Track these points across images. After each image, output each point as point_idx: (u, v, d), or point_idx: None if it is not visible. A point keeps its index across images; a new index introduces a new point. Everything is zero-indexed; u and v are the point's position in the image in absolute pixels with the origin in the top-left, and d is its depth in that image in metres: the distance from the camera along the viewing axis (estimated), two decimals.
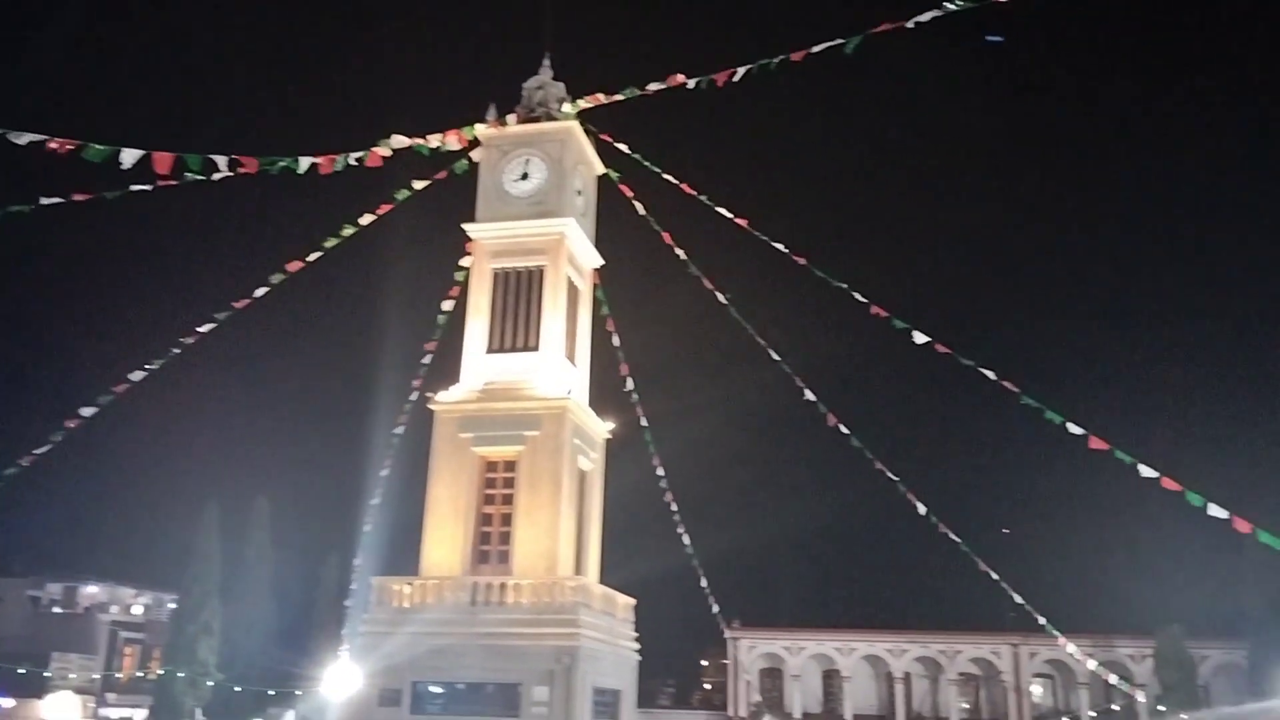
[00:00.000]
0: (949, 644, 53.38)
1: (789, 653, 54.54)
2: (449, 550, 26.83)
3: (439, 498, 27.31)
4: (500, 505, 27.38)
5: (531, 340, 28.60)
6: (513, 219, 29.57)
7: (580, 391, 29.89)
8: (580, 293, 31.06)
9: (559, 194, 29.62)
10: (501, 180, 30.02)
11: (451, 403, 28.04)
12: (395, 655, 24.87)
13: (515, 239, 29.46)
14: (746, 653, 54.69)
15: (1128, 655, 50.19)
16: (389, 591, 26.19)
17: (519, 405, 27.64)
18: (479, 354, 28.70)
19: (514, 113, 30.62)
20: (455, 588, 25.74)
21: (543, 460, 27.08)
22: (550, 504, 26.76)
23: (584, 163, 31.37)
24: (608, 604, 28.15)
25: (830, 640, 54.43)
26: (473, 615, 25.19)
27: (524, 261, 29.30)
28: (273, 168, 21.45)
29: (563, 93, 31.17)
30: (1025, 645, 51.38)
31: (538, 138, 30.20)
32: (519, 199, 29.81)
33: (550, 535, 26.48)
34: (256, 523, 46.58)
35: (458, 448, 27.53)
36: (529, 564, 26.28)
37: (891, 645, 53.90)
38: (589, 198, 31.90)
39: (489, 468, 27.73)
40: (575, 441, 28.17)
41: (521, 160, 30.07)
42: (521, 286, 29.19)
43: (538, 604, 25.27)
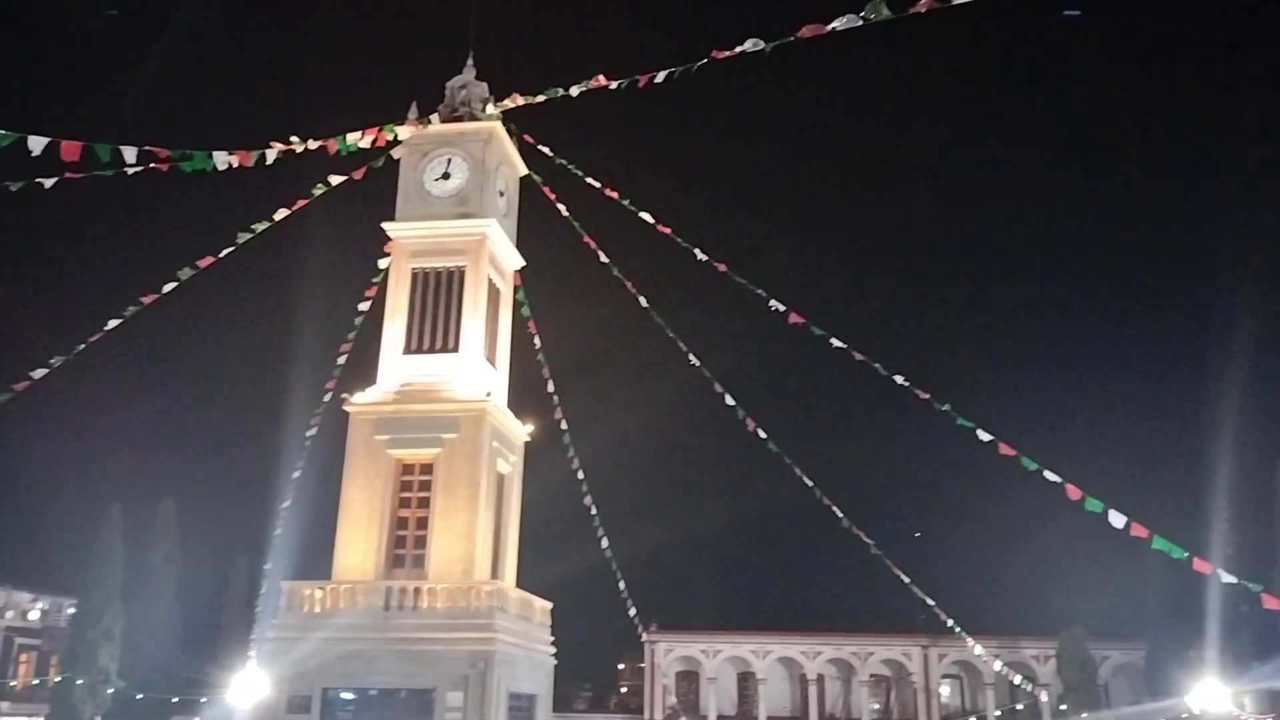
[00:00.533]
0: (861, 646, 54.37)
1: (705, 656, 54.94)
2: (363, 554, 26.38)
3: (353, 501, 26.84)
4: (416, 508, 27.00)
5: (451, 341, 28.29)
6: (433, 219, 29.24)
7: (500, 394, 29.67)
8: (501, 294, 30.85)
9: (481, 194, 29.38)
10: (422, 179, 29.67)
11: (367, 404, 27.59)
12: (305, 661, 24.36)
13: (435, 239, 29.12)
14: (663, 656, 54.94)
15: (1032, 656, 51.72)
16: (300, 596, 25.63)
17: (437, 407, 27.32)
18: (396, 355, 28.29)
19: (436, 112, 30.29)
20: (368, 592, 25.31)
21: (460, 463, 26.80)
22: (467, 507, 26.50)
23: (507, 163, 31.19)
24: (524, 608, 27.98)
25: (746, 643, 54.99)
26: (386, 620, 24.80)
27: (444, 262, 28.99)
28: (185, 163, 20.81)
29: (486, 93, 30.93)
30: (935, 647, 52.62)
31: (460, 137, 29.92)
32: (440, 199, 29.50)
33: (467, 539, 26.23)
34: (162, 525, 45.29)
35: (373, 450, 27.10)
36: (445, 568, 25.98)
37: (806, 647, 54.68)
38: (511, 199, 31.71)
39: (405, 470, 27.34)
40: (494, 444, 27.95)
41: (443, 159, 29.76)
42: (441, 287, 28.86)
43: (453, 608, 24.98)
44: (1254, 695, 36.48)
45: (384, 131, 26.00)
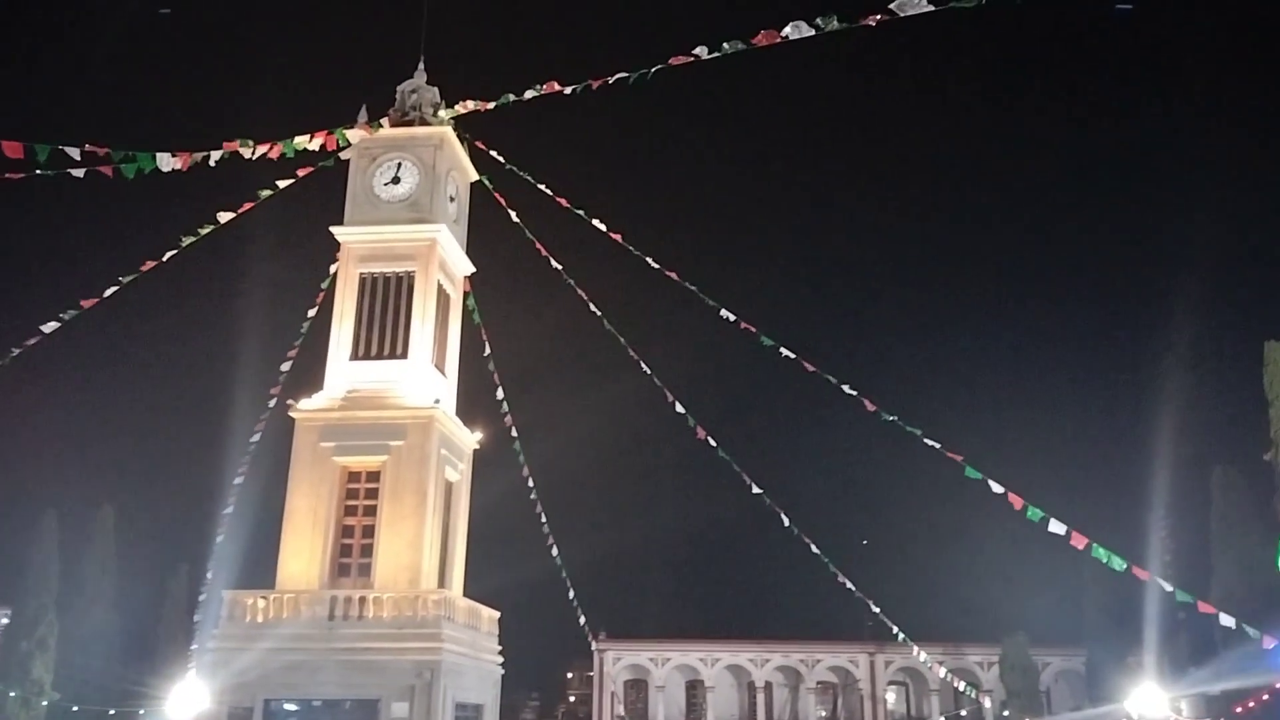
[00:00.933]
0: (809, 653, 54.68)
1: (654, 664, 54.90)
2: (307, 563, 25.99)
3: (297, 508, 26.44)
4: (362, 517, 26.68)
5: (399, 348, 28.02)
6: (382, 223, 28.97)
7: (449, 401, 29.43)
8: (451, 300, 30.63)
9: (431, 199, 29.17)
10: (372, 183, 29.40)
11: (313, 410, 27.22)
12: (247, 672, 23.94)
13: (385, 243, 28.85)
14: (612, 664, 54.80)
15: (976, 662, 52.38)
16: (242, 605, 25.19)
17: (384, 414, 27.04)
18: (343, 361, 27.95)
19: (386, 116, 30.04)
20: (312, 601, 24.94)
21: (408, 471, 26.54)
22: (414, 515, 26.23)
23: (457, 169, 31.01)
24: (472, 617, 27.75)
25: (695, 651, 55.05)
26: (330, 630, 24.46)
27: (393, 267, 28.72)
28: (128, 164, 20.40)
29: (437, 97, 30.76)
30: (881, 654, 53.06)
31: (410, 142, 29.70)
32: (389, 203, 29.24)
33: (414, 548, 25.97)
34: (99, 532, 44.18)
35: (318, 457, 26.73)
36: (391, 577, 25.70)
37: (754, 655, 54.88)
38: (462, 204, 31.52)
39: (351, 478, 27.01)
40: (442, 452, 27.71)
41: (393, 164, 29.51)
42: (390, 292, 28.59)
43: (399, 618, 24.71)
44: (1190, 700, 37.29)
45: (333, 135, 25.75)
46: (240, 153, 23.14)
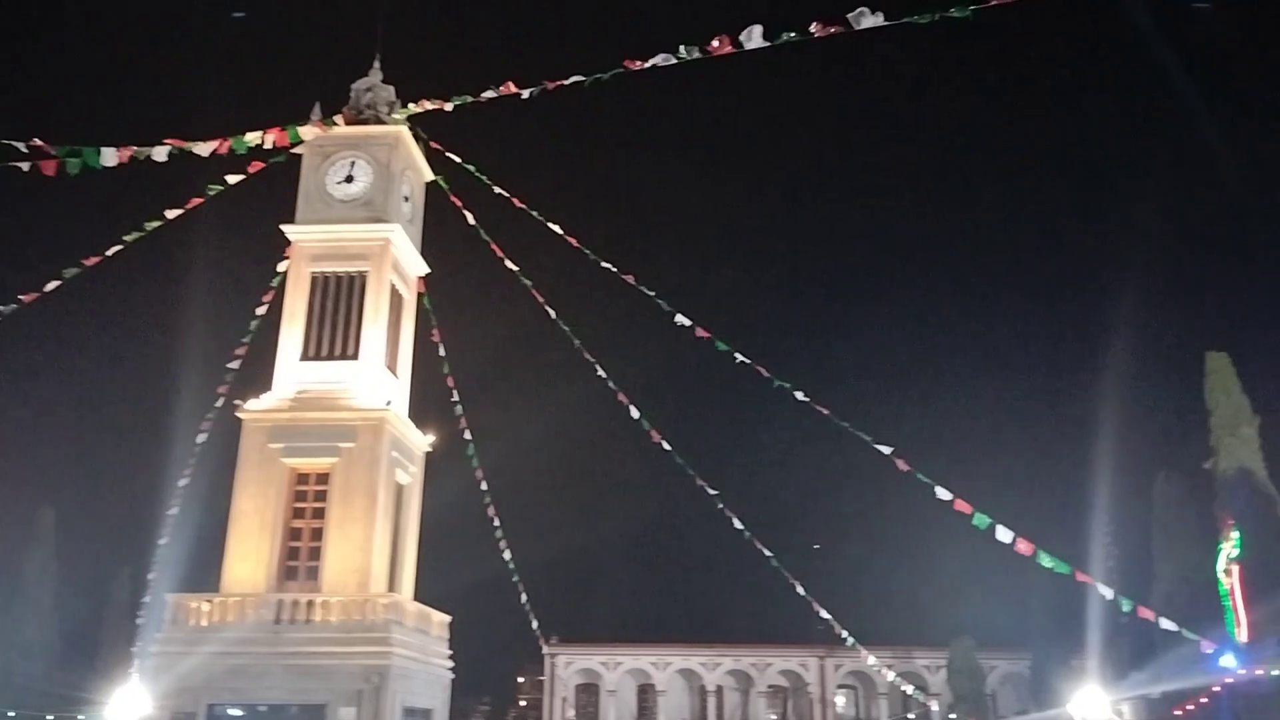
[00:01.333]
0: (760, 657, 54.96)
1: (606, 668, 54.84)
2: (253, 566, 25.60)
3: (244, 511, 26.04)
4: (311, 519, 26.34)
5: (350, 348, 27.72)
6: (335, 222, 28.66)
7: (401, 403, 29.17)
8: (405, 301, 30.37)
9: (385, 199, 28.91)
10: (325, 182, 29.07)
11: (261, 411, 26.83)
12: (190, 676, 23.56)
13: (337, 243, 28.54)
14: (564, 669, 54.66)
15: (924, 666, 52.95)
16: (185, 609, 24.77)
17: (334, 415, 26.73)
18: (293, 361, 27.58)
19: (341, 114, 29.73)
20: (259, 605, 24.58)
21: (358, 473, 26.26)
22: (364, 518, 25.95)
23: (412, 168, 30.77)
24: (422, 621, 27.51)
25: (647, 655, 55.07)
26: (277, 634, 24.12)
27: (346, 266, 28.41)
28: (73, 159, 20.00)
29: (392, 96, 30.52)
30: (831, 658, 53.46)
31: (365, 140, 29.42)
32: (343, 202, 28.94)
33: (363, 551, 25.69)
34: (39, 534, 43.20)
35: (266, 458, 26.34)
36: (340, 580, 25.39)
37: (706, 659, 55.03)
38: (416, 204, 31.27)
39: (300, 480, 26.66)
40: (393, 454, 27.45)
41: (347, 162, 29.22)
42: (342, 292, 28.28)
43: (347, 622, 24.44)
44: (1131, 703, 37.99)
45: (285, 132, 25.43)
46: (187, 149, 22.75)
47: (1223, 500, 32.87)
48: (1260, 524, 31.23)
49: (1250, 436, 32.95)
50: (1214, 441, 33.58)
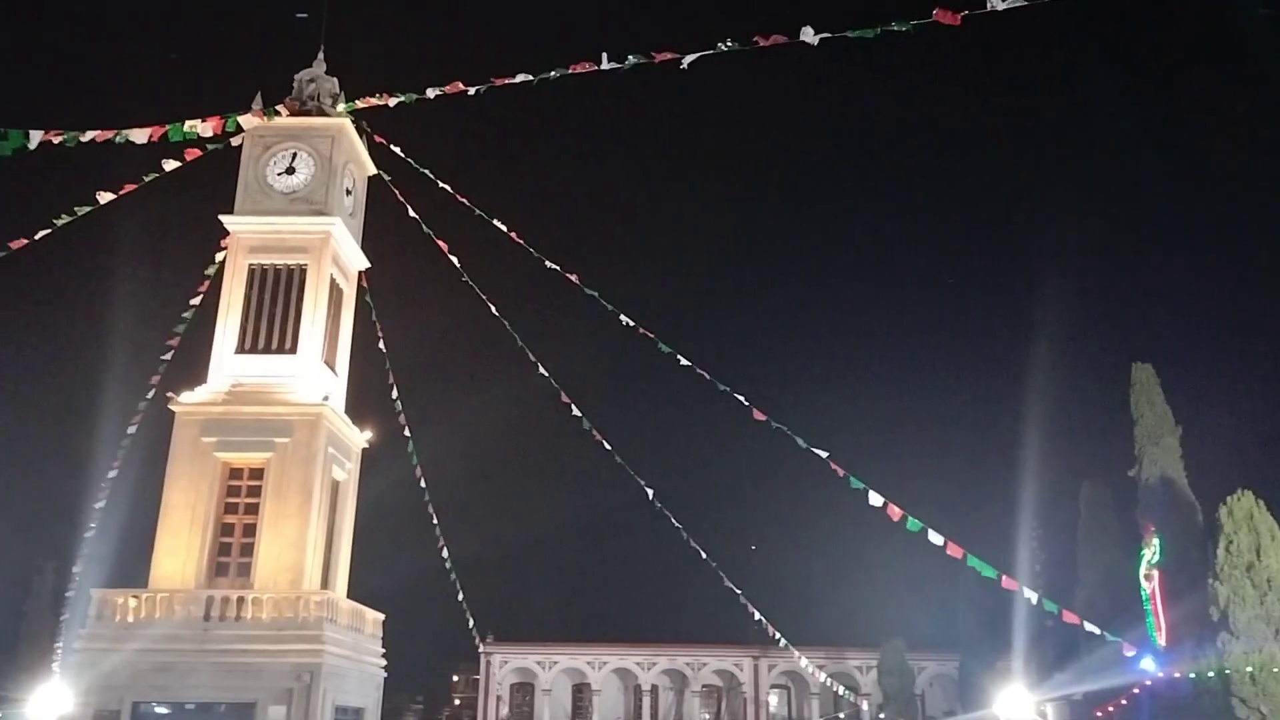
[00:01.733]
0: (695, 656, 55.31)
1: (541, 667, 54.77)
2: (183, 561, 25.12)
3: (174, 505, 25.54)
4: (243, 515, 25.91)
5: (288, 342, 27.34)
6: (275, 214, 28.25)
7: (339, 398, 28.85)
8: (344, 295, 30.02)
9: (327, 191, 28.57)
10: (265, 173, 28.63)
11: (194, 404, 26.34)
12: (115, 674, 23.05)
13: (276, 234, 28.13)
14: (499, 668, 54.48)
15: (856, 666, 53.74)
16: (111, 605, 24.21)
17: (270, 410, 26.34)
18: (228, 354, 27.12)
19: (283, 104, 29.32)
20: (187, 601, 24.15)
21: (293, 469, 25.92)
22: (299, 514, 25.63)
23: (355, 161, 30.44)
24: (355, 619, 27.25)
25: (582, 654, 55.11)
26: (206, 631, 23.72)
27: (285, 259, 28.01)
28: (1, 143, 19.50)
29: (336, 88, 30.17)
30: (765, 658, 53.99)
31: (307, 132, 29.04)
32: (283, 193, 28.52)
33: (297, 547, 25.36)
34: None
35: (199, 452, 25.87)
36: (272, 577, 25.04)
37: (641, 658, 55.23)
38: (358, 198, 30.94)
39: (233, 474, 26.22)
40: (330, 450, 27.14)
41: (288, 153, 28.81)
42: (280, 285, 27.87)
43: (279, 619, 24.10)
44: (1055, 704, 38.97)
45: (224, 120, 25.04)
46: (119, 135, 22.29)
47: (1145, 507, 33.89)
48: (1180, 531, 32.26)
49: (1172, 446, 34.00)
50: (1138, 450, 34.58)
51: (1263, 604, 26.23)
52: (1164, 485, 33.49)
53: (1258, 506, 27.00)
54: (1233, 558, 26.79)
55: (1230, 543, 26.91)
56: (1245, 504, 27.08)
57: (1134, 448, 34.75)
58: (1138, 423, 34.71)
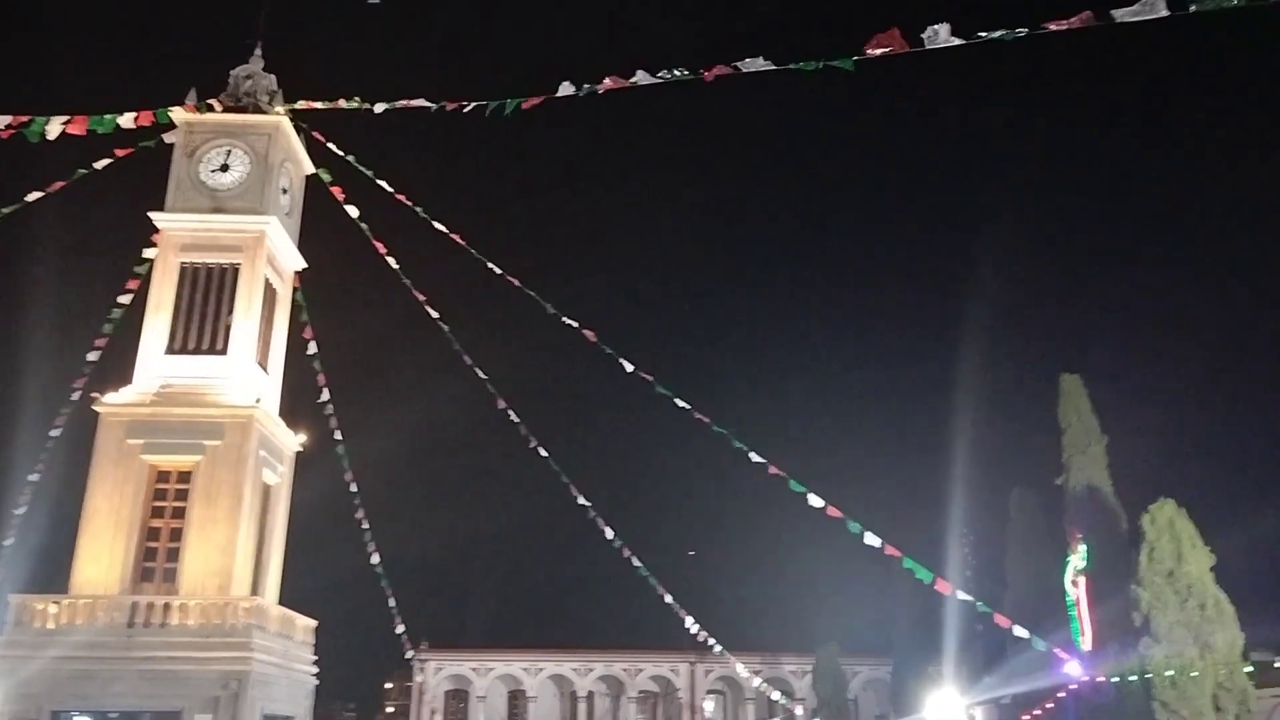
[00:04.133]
0: (632, 662, 55.25)
1: (476, 674, 54.30)
2: (106, 567, 24.46)
3: (98, 509, 24.86)
4: (170, 519, 25.32)
5: (219, 343, 26.80)
6: (208, 211, 27.71)
7: (271, 400, 28.32)
8: (278, 295, 29.50)
9: (262, 190, 28.08)
10: (198, 170, 28.07)
11: (120, 405, 25.68)
12: (34, 682, 22.40)
13: (209, 233, 27.58)
14: (433, 674, 53.89)
15: (791, 672, 54.15)
16: (30, 611, 23.50)
17: (199, 412, 25.79)
18: (157, 354, 26.49)
19: (217, 99, 28.76)
20: (111, 608, 23.52)
21: (223, 472, 25.38)
22: (228, 519, 25.10)
23: (292, 160, 29.95)
24: (285, 626, 26.75)
25: (518, 661, 54.76)
26: (130, 638, 23.13)
27: (217, 258, 27.46)
28: None
29: (274, 85, 29.70)
30: (701, 663, 54.14)
31: (242, 129, 28.53)
32: (217, 191, 27.98)
33: (226, 553, 24.83)
34: None
35: (124, 454, 25.22)
36: (199, 583, 24.49)
37: (578, 664, 55.03)
38: (295, 197, 30.45)
39: (160, 478, 25.61)
40: (261, 453, 26.63)
41: (223, 150, 28.27)
42: (212, 284, 27.32)
43: (206, 626, 23.59)
44: (984, 708, 39.65)
45: (155, 114, 24.44)
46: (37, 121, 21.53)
47: (1072, 515, 34.57)
48: (1105, 538, 32.96)
49: (1098, 454, 34.72)
50: (1065, 459, 35.26)
51: (1183, 609, 26.86)
52: (1090, 493, 34.18)
53: (1179, 514, 27.64)
54: (1154, 564, 27.40)
55: (1152, 550, 27.51)
56: (1167, 511, 27.69)
57: (1061, 456, 35.43)
58: (1065, 432, 35.39)
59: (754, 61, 17.19)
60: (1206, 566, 27.07)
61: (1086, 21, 14.16)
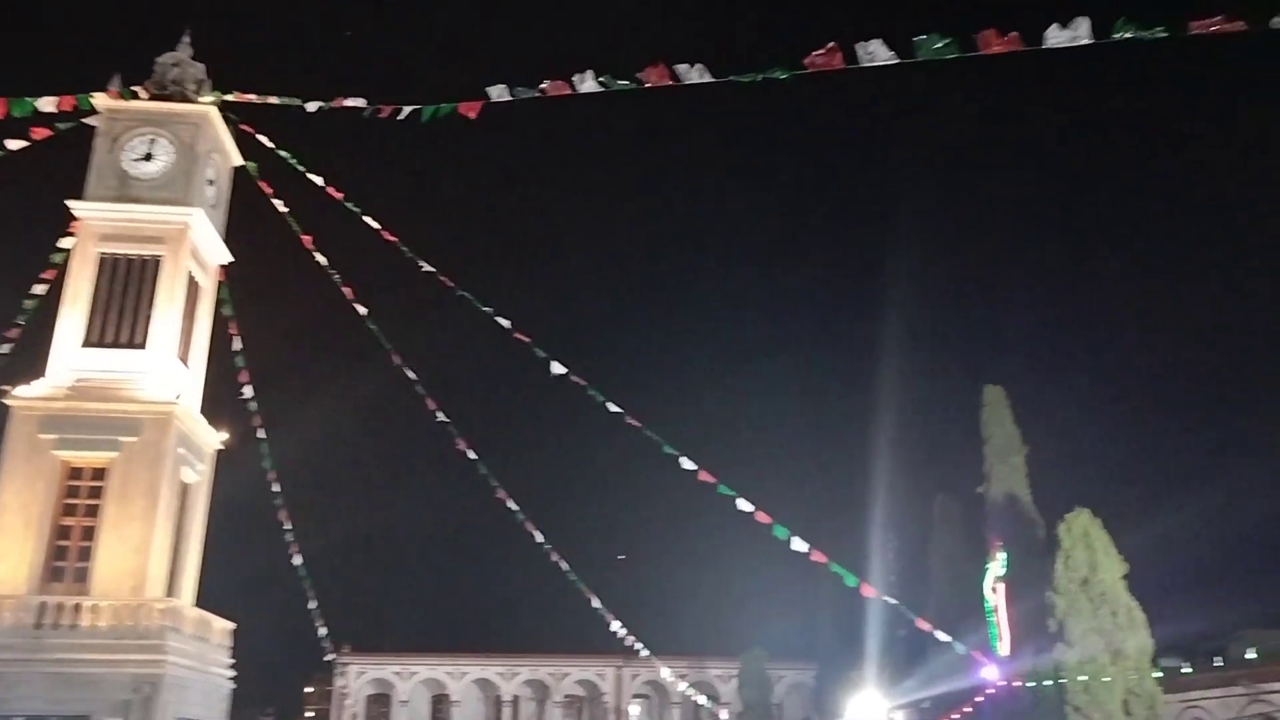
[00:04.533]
0: (558, 667, 55.04)
1: (399, 678, 53.59)
2: (14, 565, 23.58)
3: (7, 505, 23.97)
4: (83, 517, 24.49)
5: (139, 336, 26.04)
6: (129, 201, 26.90)
7: (192, 396, 27.59)
8: (202, 289, 28.75)
9: (187, 181, 27.38)
10: (120, 158, 27.26)
11: (32, 398, 24.79)
12: None
13: (131, 223, 26.77)
14: (355, 678, 53.04)
15: (717, 676, 54.43)
16: None
17: (116, 407, 25.03)
18: (73, 347, 25.63)
19: (142, 87, 27.97)
20: (17, 608, 22.68)
21: (139, 469, 24.65)
22: (144, 518, 24.38)
23: (219, 151, 29.24)
24: (202, 628, 26.06)
25: (442, 665, 54.17)
26: (37, 639, 22.34)
27: (138, 249, 26.68)
28: None
29: (203, 74, 28.98)
30: (628, 667, 54.14)
31: (168, 118, 27.78)
32: (139, 180, 27.20)
33: (140, 552, 24.11)
34: None
35: (35, 450, 24.35)
36: (112, 583, 23.73)
37: (503, 668, 54.66)
38: (222, 189, 29.73)
39: (73, 474, 24.77)
40: (180, 451, 25.93)
41: (146, 139, 27.50)
42: (133, 276, 26.54)
43: (118, 627, 22.87)
44: (904, 710, 40.30)
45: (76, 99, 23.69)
46: None
47: (992, 523, 35.34)
48: (1024, 546, 33.74)
49: (1019, 464, 35.56)
50: (987, 468, 36.05)
51: (1096, 616, 27.61)
52: (1010, 502, 34.98)
53: (1093, 523, 28.40)
54: (1070, 572, 28.13)
55: (1068, 558, 28.24)
56: (1082, 521, 28.45)
57: (984, 465, 36.18)
58: (988, 442, 36.17)
59: (692, 71, 17.32)
60: (1119, 575, 27.86)
61: (1014, 44, 14.69)
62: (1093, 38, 14.19)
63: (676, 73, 17.37)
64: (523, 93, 19.36)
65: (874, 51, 15.34)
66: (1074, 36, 14.32)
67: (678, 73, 17.37)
